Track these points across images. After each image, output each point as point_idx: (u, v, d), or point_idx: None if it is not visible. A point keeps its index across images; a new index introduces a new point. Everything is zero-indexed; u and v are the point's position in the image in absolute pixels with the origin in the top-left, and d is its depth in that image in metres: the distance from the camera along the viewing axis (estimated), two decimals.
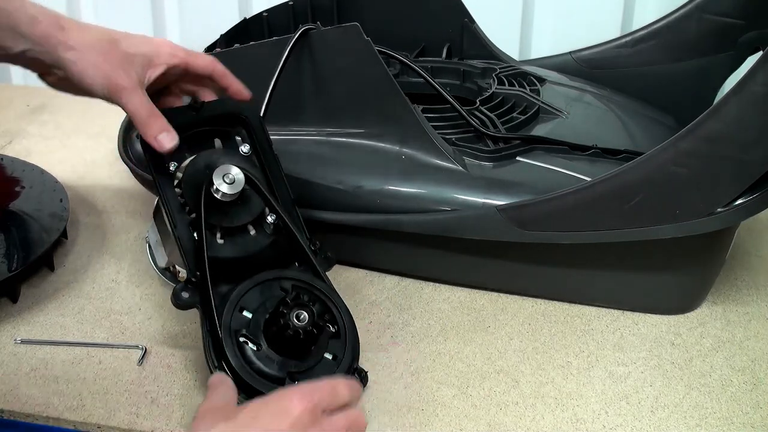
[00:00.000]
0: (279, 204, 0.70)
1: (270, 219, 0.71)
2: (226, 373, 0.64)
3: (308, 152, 0.80)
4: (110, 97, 0.67)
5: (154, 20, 1.34)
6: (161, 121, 0.67)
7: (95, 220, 0.92)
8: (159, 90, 0.73)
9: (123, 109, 0.67)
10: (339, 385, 0.59)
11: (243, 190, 0.68)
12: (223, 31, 0.94)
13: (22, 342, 0.73)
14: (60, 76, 0.68)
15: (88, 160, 1.05)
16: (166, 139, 0.67)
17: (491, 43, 0.99)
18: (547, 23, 1.25)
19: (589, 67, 0.97)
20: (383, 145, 0.79)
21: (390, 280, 0.82)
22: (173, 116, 0.71)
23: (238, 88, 0.73)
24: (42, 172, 0.94)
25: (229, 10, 1.31)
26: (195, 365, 0.70)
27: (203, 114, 0.72)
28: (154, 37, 0.72)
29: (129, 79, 0.67)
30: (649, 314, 0.77)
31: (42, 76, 0.70)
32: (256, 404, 0.56)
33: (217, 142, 0.74)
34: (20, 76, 1.40)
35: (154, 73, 0.69)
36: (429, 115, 0.80)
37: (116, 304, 0.78)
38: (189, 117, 0.72)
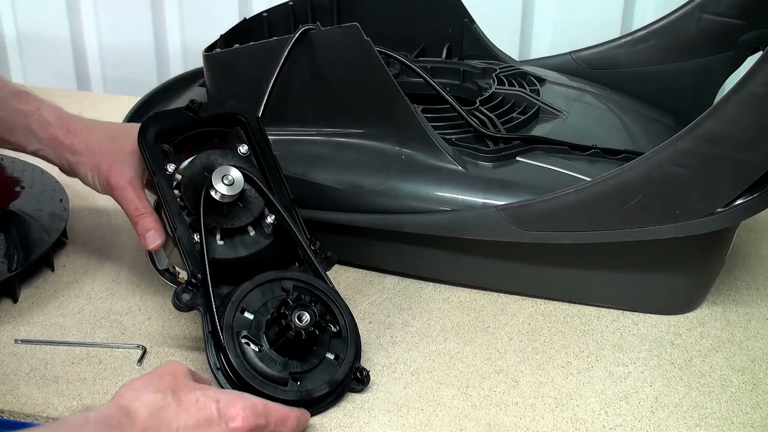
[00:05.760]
0: (278, 203, 0.70)
1: (269, 219, 0.71)
2: (229, 375, 0.64)
3: (308, 152, 0.80)
4: (110, 195, 0.73)
5: (154, 20, 1.34)
6: (147, 221, 0.70)
7: (95, 220, 0.92)
8: None
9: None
10: (291, 414, 0.60)
11: (242, 190, 0.68)
12: (223, 31, 0.94)
13: (22, 342, 0.73)
14: (68, 170, 0.76)
15: None
16: (151, 238, 0.70)
17: (491, 43, 0.99)
18: (547, 23, 1.25)
19: (589, 67, 0.97)
20: (383, 145, 0.79)
21: (390, 280, 0.82)
22: (171, 118, 0.72)
23: None
24: (42, 172, 0.94)
25: (229, 10, 1.31)
26: (195, 365, 0.70)
27: (201, 115, 0.71)
28: None
29: (123, 177, 0.72)
30: (649, 314, 0.77)
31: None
32: (204, 393, 0.57)
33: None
34: (20, 76, 1.40)
35: None
36: (429, 115, 0.80)
37: (116, 304, 0.78)
38: (187, 118, 0.72)
